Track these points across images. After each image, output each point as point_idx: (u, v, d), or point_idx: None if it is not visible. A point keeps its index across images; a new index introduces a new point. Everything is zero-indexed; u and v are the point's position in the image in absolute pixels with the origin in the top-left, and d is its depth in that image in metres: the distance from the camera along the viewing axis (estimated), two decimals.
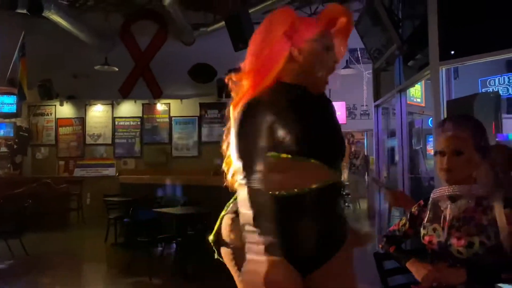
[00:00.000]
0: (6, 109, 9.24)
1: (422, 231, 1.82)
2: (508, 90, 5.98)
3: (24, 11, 7.80)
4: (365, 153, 10.46)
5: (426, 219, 1.83)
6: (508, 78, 6.02)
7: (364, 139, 11.25)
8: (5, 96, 9.04)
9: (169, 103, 10.36)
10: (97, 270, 5.40)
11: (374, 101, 5.76)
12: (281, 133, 1.32)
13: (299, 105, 1.36)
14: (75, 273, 5.17)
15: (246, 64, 1.42)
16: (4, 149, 9.68)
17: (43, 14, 7.86)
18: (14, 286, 4.48)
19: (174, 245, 5.22)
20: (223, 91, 9.94)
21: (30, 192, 7.85)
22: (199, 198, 5.43)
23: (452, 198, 1.75)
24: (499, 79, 6.10)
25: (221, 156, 1.63)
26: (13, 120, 9.72)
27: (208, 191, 5.69)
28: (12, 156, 9.58)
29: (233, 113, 1.41)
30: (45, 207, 7.79)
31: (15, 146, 9.62)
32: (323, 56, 1.43)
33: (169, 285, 4.38)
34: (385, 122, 5.94)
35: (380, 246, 1.97)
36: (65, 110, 10.37)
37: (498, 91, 5.72)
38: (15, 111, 9.28)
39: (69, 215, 8.83)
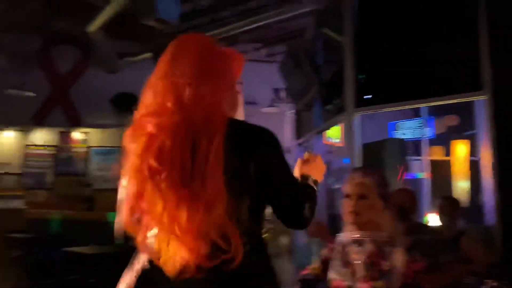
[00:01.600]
0: None
1: (331, 275, 1.88)
2: (414, 133, 6.50)
3: None
4: None
5: (334, 263, 1.90)
6: (415, 122, 6.56)
7: None
8: None
9: (89, 132, 9.87)
10: None
11: (296, 140, 5.98)
12: None
13: None
14: None
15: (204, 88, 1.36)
16: None
17: None
18: None
19: None
20: None
21: None
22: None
23: (358, 242, 1.85)
24: (407, 123, 6.62)
25: None
26: None
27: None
28: None
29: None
30: None
31: None
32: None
33: None
34: None
35: None
36: None
37: (403, 137, 6.15)
38: None
39: None
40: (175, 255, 1.21)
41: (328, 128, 4.97)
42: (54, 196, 9.42)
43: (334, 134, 7.11)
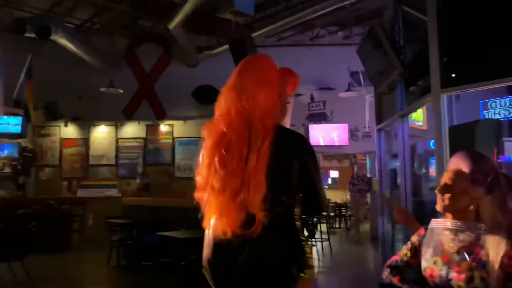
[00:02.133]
0: (12, 129, 9.32)
1: (423, 263, 1.83)
2: (509, 112, 6.01)
3: (32, 35, 7.99)
4: (368, 175, 10.45)
5: (427, 251, 1.85)
6: (510, 100, 6.05)
7: (366, 161, 11.27)
8: (11, 117, 9.14)
9: (173, 124, 10.44)
10: None
11: (377, 125, 5.81)
12: None
13: None
14: None
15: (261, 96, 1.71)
16: (7, 169, 9.72)
17: (50, 38, 8.04)
18: None
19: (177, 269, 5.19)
20: None
21: (33, 213, 7.87)
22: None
23: (453, 231, 1.78)
24: (500, 102, 6.14)
25: None
26: (18, 140, 9.79)
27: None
28: (16, 177, 9.61)
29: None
30: (48, 228, 7.78)
31: (19, 167, 9.66)
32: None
33: None
34: (387, 145, 5.98)
35: (384, 276, 1.98)
36: (70, 131, 10.46)
37: (498, 118, 5.75)
38: (20, 131, 9.35)
39: (71, 237, 8.81)
40: (224, 224, 1.62)
41: (412, 111, 4.76)
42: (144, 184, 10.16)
43: (418, 117, 6.79)
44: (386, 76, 4.68)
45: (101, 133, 10.50)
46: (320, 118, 10.04)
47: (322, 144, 10.20)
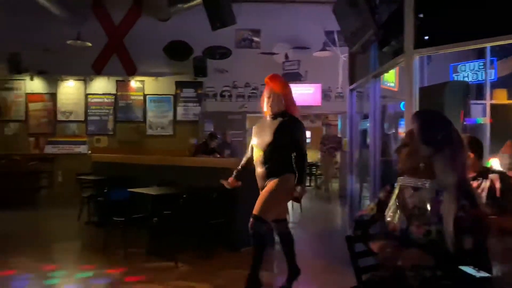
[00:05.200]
0: None
1: (387, 218, 1.92)
2: (477, 76, 6.15)
3: None
4: (339, 135, 10.63)
5: (391, 207, 1.93)
6: (478, 64, 6.19)
7: (338, 121, 11.42)
8: None
9: (144, 81, 10.19)
10: (72, 247, 5.38)
11: (349, 85, 5.85)
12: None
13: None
14: (50, 250, 5.14)
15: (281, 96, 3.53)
16: None
17: None
18: None
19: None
20: (199, 70, 9.86)
21: None
22: (174, 178, 5.45)
23: (413, 188, 1.86)
24: (469, 66, 6.27)
25: (195, 136, 2.16)
26: None
27: (183, 171, 5.71)
28: None
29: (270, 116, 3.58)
30: (14, 184, 7.63)
31: None
32: None
33: (144, 262, 4.42)
34: (359, 105, 6.06)
35: (351, 230, 2.07)
36: (36, 85, 10.05)
37: (466, 80, 5.88)
38: None
39: (39, 193, 8.68)
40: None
41: (384, 72, 4.79)
42: (116, 142, 10.02)
43: (390, 78, 6.87)
44: (360, 36, 4.66)
45: (69, 88, 10.15)
46: (295, 77, 9.99)
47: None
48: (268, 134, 3.40)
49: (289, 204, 7.81)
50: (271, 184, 3.36)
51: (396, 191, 1.94)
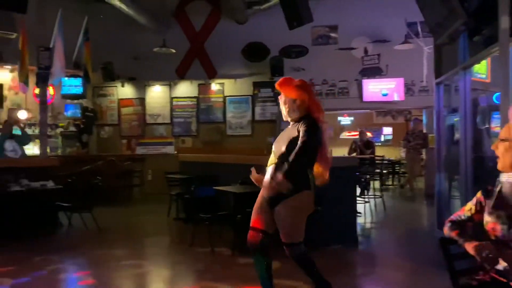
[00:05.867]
0: (74, 90, 9.84)
1: (486, 217, 1.81)
2: None
3: None
4: (424, 131, 10.10)
5: (491, 205, 1.81)
6: None
7: (422, 116, 10.86)
8: (72, 78, 9.61)
9: (223, 83, 10.54)
10: (163, 241, 5.76)
11: (436, 78, 5.55)
12: None
13: None
14: (145, 244, 5.56)
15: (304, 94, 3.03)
16: (72, 128, 10.36)
17: None
18: (88, 256, 4.89)
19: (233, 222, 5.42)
20: (276, 70, 9.96)
21: (97, 169, 8.42)
22: None
23: None
24: None
25: (273, 135, 2.16)
26: (79, 101, 10.35)
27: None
28: (80, 135, 10.24)
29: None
30: (110, 183, 8.30)
31: (82, 126, 10.26)
32: None
33: (230, 258, 4.58)
34: (446, 99, 5.71)
35: (445, 231, 1.98)
36: (126, 91, 10.87)
37: None
38: (81, 92, 9.86)
39: (132, 191, 9.39)
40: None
41: (476, 63, 4.47)
42: (199, 142, 10.49)
43: (481, 69, 6.38)
44: (447, 26, 4.41)
45: (156, 93, 10.83)
46: (374, 72, 9.69)
47: (376, 100, 9.91)
48: (284, 141, 2.94)
49: (372, 203, 7.64)
50: (289, 207, 2.85)
51: (497, 189, 1.82)
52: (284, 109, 3.03)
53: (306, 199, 2.89)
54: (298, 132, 2.88)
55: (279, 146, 2.97)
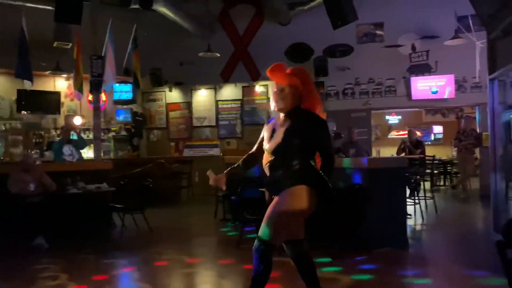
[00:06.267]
0: (124, 96, 10.30)
1: None
2: None
3: (136, 6, 8.54)
4: (477, 130, 9.65)
5: None
6: None
7: (475, 113, 10.39)
8: (122, 84, 10.04)
9: (267, 85, 10.59)
10: (211, 241, 5.87)
11: (489, 74, 5.30)
12: None
13: None
14: (192, 244, 5.70)
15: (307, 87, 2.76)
16: (123, 132, 10.81)
17: (152, 7, 8.51)
18: (140, 255, 5.09)
19: None
20: (320, 70, 9.89)
21: (147, 171, 8.73)
22: None
23: None
24: None
25: None
26: (130, 106, 10.79)
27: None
28: (131, 139, 10.66)
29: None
30: (160, 184, 8.57)
31: (132, 130, 10.68)
32: None
33: (276, 258, 4.59)
34: (501, 95, 5.44)
35: (502, 233, 1.89)
36: (174, 96, 11.20)
37: None
38: (131, 98, 10.31)
39: (180, 192, 9.65)
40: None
41: None
42: (244, 144, 10.60)
43: None
44: (501, 18, 4.21)
45: (202, 97, 11.07)
46: (423, 69, 9.40)
47: (425, 97, 9.60)
48: (279, 135, 2.71)
49: (423, 205, 7.38)
50: (284, 198, 2.63)
51: None
52: (273, 97, 2.76)
53: (306, 194, 2.61)
54: (293, 123, 2.67)
55: (272, 141, 2.75)
